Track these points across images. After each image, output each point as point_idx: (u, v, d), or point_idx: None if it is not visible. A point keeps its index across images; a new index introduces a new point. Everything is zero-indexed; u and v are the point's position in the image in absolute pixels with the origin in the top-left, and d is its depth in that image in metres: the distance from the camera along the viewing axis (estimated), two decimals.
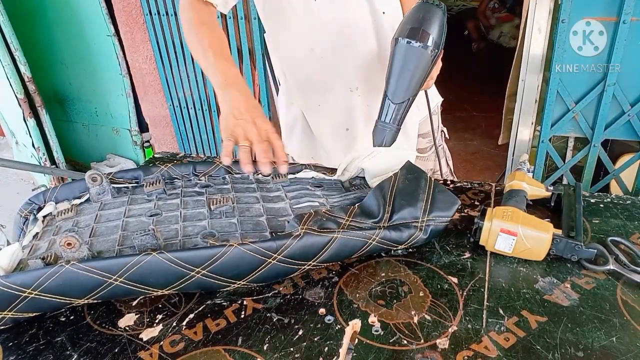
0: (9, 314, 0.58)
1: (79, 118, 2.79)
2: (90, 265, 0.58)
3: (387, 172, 0.82)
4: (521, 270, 0.69)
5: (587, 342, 0.57)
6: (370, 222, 0.69)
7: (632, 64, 1.60)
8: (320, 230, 0.65)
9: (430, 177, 0.77)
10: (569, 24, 1.61)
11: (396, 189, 0.74)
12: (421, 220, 0.70)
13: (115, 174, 0.82)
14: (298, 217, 0.68)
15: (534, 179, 0.85)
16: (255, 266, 0.62)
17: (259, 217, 0.73)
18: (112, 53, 2.40)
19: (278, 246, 0.62)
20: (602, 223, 0.79)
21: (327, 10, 0.93)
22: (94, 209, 0.76)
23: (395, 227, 0.69)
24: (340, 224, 0.68)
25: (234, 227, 0.70)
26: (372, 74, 0.99)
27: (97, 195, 0.78)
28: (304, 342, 0.59)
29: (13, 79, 2.10)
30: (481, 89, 3.59)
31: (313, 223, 0.66)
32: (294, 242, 0.63)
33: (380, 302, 0.64)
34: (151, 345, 0.59)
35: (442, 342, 0.58)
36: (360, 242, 0.67)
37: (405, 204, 0.71)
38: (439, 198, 0.72)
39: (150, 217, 0.73)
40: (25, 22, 2.39)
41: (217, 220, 0.72)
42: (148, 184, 0.80)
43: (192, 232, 0.69)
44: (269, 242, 0.62)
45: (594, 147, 1.79)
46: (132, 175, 0.83)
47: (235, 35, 2.07)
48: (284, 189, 0.83)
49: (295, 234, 0.64)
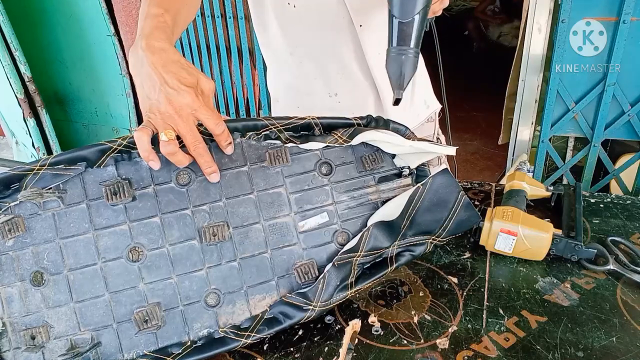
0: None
1: (79, 118, 2.79)
2: None
3: (417, 159, 0.68)
4: (521, 270, 0.69)
5: (587, 342, 0.57)
6: (385, 245, 0.63)
7: (632, 64, 1.60)
8: (335, 303, 0.61)
9: (462, 193, 0.65)
10: (569, 24, 1.61)
11: (422, 201, 0.64)
12: (434, 237, 0.65)
13: (52, 160, 0.58)
14: (304, 296, 0.60)
15: (534, 179, 0.85)
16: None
17: (263, 253, 0.62)
18: (112, 53, 2.40)
19: (290, 325, 0.60)
20: (602, 223, 0.79)
21: (305, 14, 0.87)
22: (47, 226, 0.58)
23: (408, 250, 0.65)
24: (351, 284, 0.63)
25: (235, 277, 0.61)
26: (351, 81, 0.95)
27: (43, 204, 0.59)
28: (304, 342, 0.59)
29: (13, 79, 2.10)
30: (481, 89, 3.59)
31: (324, 292, 0.60)
32: (305, 315, 0.60)
33: (380, 302, 0.64)
34: None
35: (442, 342, 0.58)
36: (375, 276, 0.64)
37: (428, 221, 0.64)
38: (462, 216, 0.65)
39: (133, 263, 0.59)
40: (25, 22, 2.39)
41: (215, 268, 0.61)
42: (110, 193, 0.59)
43: (191, 290, 0.60)
44: (281, 324, 0.59)
45: (594, 147, 1.79)
46: (75, 156, 0.59)
47: (236, 35, 2.07)
48: (285, 180, 0.64)
49: (307, 314, 0.60)
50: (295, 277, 0.62)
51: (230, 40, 2.09)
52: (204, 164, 0.58)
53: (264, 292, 0.61)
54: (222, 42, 2.12)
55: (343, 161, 0.66)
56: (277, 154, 0.63)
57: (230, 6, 2.01)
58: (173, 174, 0.60)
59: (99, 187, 0.59)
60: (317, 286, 0.60)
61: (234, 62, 2.15)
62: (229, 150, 0.61)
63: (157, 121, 0.54)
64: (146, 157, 0.55)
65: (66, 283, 0.58)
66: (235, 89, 2.23)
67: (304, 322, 0.60)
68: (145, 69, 0.55)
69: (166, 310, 0.59)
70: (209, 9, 2.05)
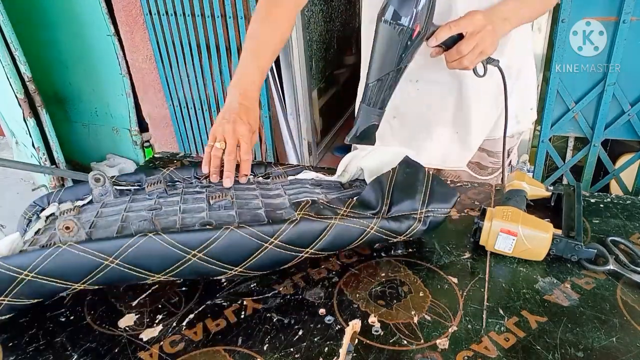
0: (6, 299, 0.58)
1: (79, 118, 2.79)
2: (86, 246, 0.58)
3: (386, 169, 0.82)
4: (521, 270, 0.69)
5: (587, 342, 0.57)
6: (368, 213, 0.69)
7: (632, 64, 1.60)
8: (318, 216, 0.65)
9: (428, 171, 0.76)
10: (569, 24, 1.61)
11: (395, 182, 0.74)
12: (420, 211, 0.70)
13: (118, 177, 0.83)
14: (295, 204, 0.68)
15: (534, 179, 0.85)
16: (251, 251, 0.62)
17: (258, 210, 0.73)
18: (112, 53, 2.40)
19: (274, 230, 0.62)
20: (602, 223, 0.79)
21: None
22: (95, 208, 0.76)
23: (394, 218, 0.69)
24: (339, 213, 0.68)
25: (232, 218, 0.70)
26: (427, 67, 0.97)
27: (100, 196, 0.78)
28: (304, 342, 0.59)
29: (13, 79, 2.10)
30: None
31: (310, 209, 0.66)
32: (290, 227, 0.63)
33: (380, 302, 0.64)
34: (151, 345, 0.59)
35: (442, 342, 0.58)
36: (358, 230, 0.67)
37: (404, 197, 0.71)
38: (438, 190, 0.72)
39: (150, 211, 0.73)
40: (25, 22, 2.39)
41: (215, 212, 0.72)
42: (150, 184, 0.81)
43: (191, 223, 0.69)
44: (266, 226, 0.63)
45: (594, 147, 1.79)
46: (135, 179, 0.84)
47: (236, 36, 2.07)
48: (283, 187, 0.83)
49: (292, 219, 0.64)
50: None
51: (230, 40, 2.09)
52: (228, 167, 0.81)
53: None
54: (222, 42, 2.12)
55: (329, 185, 0.85)
56: (278, 176, 0.86)
57: (230, 6, 2.01)
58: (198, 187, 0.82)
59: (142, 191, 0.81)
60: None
61: (234, 62, 2.15)
62: (243, 180, 0.82)
63: (219, 132, 0.82)
64: (206, 170, 0.83)
65: (90, 224, 0.69)
66: None
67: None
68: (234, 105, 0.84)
69: (164, 228, 0.66)
70: (209, 9, 2.05)
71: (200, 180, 0.85)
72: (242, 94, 0.86)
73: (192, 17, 2.11)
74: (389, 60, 0.78)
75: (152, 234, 0.59)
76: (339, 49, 3.19)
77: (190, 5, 2.08)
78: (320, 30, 2.81)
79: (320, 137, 3.02)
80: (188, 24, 2.13)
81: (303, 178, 0.87)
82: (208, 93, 2.30)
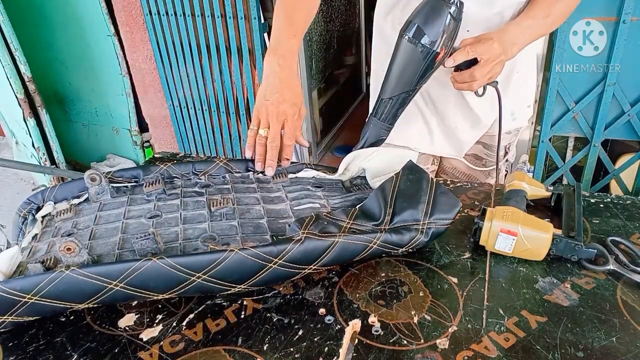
0: (9, 318, 0.58)
1: (79, 118, 2.79)
2: (90, 271, 0.58)
3: (388, 171, 0.82)
4: (521, 270, 0.69)
5: (587, 342, 0.57)
6: (371, 225, 0.69)
7: (632, 64, 1.60)
8: (322, 234, 0.65)
9: (432, 179, 0.76)
10: (569, 24, 1.61)
11: (397, 190, 0.73)
12: (422, 222, 0.70)
13: (114, 172, 0.82)
14: (299, 221, 0.67)
15: (534, 179, 0.85)
16: (255, 271, 0.62)
17: (260, 220, 0.73)
18: (112, 53, 2.40)
19: (279, 251, 0.62)
20: (602, 223, 0.79)
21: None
22: (93, 209, 0.76)
23: (396, 230, 0.69)
24: (342, 227, 0.68)
25: (234, 230, 0.70)
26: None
27: (96, 195, 0.78)
28: (304, 342, 0.59)
29: (13, 79, 2.10)
30: None
31: (314, 227, 0.66)
32: (295, 246, 0.62)
33: (380, 302, 0.64)
34: (151, 345, 0.59)
35: (442, 342, 0.58)
36: (362, 246, 0.67)
37: (407, 206, 0.70)
38: (441, 200, 0.72)
39: (150, 219, 0.73)
40: (25, 22, 2.39)
41: (217, 222, 0.71)
42: (147, 184, 0.80)
43: (193, 235, 0.69)
44: (270, 246, 0.62)
45: (594, 147, 1.79)
46: (131, 174, 0.83)
47: (236, 36, 2.07)
48: (284, 189, 0.82)
49: (297, 239, 0.63)
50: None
51: (230, 40, 2.09)
52: (270, 156, 0.80)
53: (257, 242, 0.67)
54: (222, 42, 2.12)
55: (331, 184, 0.85)
56: (278, 175, 0.85)
57: (230, 6, 2.01)
58: (197, 186, 0.82)
59: (141, 189, 0.80)
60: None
61: (234, 62, 2.15)
62: (285, 164, 0.83)
63: (263, 114, 0.79)
64: (247, 149, 0.83)
65: (89, 233, 0.69)
66: (235, 89, 2.23)
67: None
68: (274, 80, 0.79)
69: (166, 242, 0.67)
70: (209, 9, 2.05)
71: (199, 176, 0.84)
72: (280, 65, 0.81)
73: (192, 17, 2.11)
74: (406, 79, 0.78)
75: (157, 257, 0.59)
76: (339, 49, 3.19)
77: (190, 5, 2.08)
78: (320, 30, 2.81)
79: (320, 137, 3.03)
80: (188, 24, 2.13)
81: (304, 177, 0.87)
82: (208, 93, 2.30)
